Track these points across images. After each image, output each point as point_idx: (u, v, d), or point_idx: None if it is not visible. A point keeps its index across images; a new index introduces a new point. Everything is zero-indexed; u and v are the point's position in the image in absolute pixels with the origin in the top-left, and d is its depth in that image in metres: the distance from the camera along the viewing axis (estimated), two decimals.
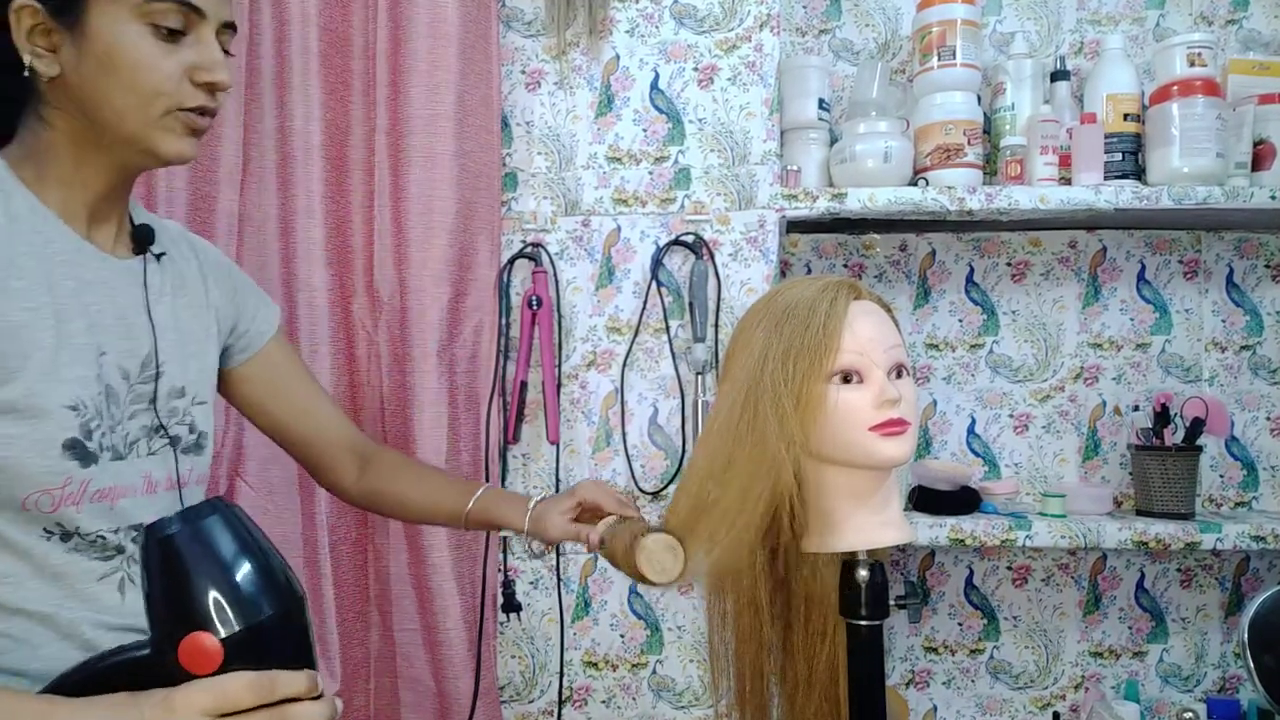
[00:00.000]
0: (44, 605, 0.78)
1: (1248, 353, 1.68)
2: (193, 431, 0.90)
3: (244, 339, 1.03)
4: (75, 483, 0.77)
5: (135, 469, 0.83)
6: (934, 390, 1.71)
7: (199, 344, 0.94)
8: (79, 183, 0.82)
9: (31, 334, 0.75)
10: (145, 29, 0.77)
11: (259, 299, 1.06)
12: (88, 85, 0.77)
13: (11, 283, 0.75)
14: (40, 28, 0.77)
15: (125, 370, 0.83)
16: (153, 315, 0.87)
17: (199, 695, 0.59)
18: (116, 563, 0.82)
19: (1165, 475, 1.54)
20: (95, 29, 0.76)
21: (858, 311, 0.81)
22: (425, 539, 1.47)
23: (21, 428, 0.74)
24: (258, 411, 1.07)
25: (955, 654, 1.70)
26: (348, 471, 1.11)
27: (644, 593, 1.58)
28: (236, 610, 0.61)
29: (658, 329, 1.58)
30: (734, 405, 0.81)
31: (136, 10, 0.76)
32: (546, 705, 1.59)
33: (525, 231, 1.60)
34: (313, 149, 1.50)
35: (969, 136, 1.52)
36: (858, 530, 0.83)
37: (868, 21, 1.74)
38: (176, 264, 0.94)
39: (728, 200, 1.57)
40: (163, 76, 0.78)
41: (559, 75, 1.61)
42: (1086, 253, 1.70)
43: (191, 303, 0.94)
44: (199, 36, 0.80)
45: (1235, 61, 1.59)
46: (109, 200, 0.85)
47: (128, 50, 0.76)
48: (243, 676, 0.60)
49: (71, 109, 0.79)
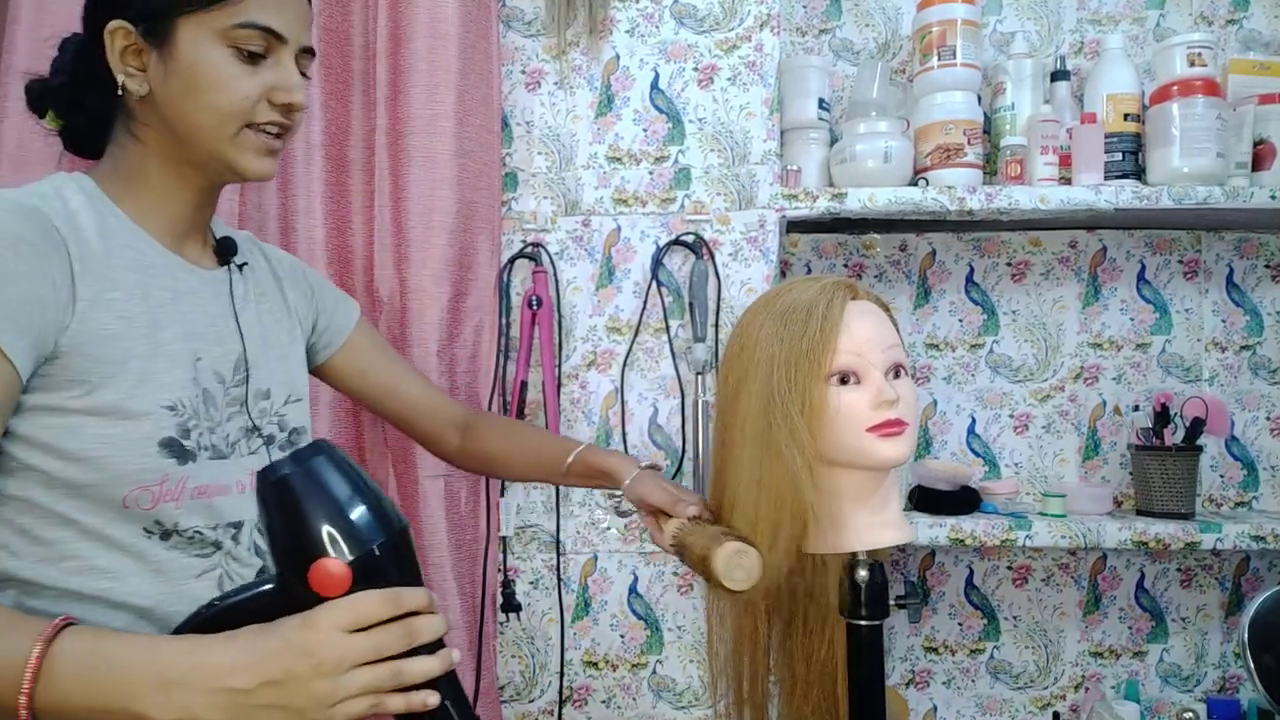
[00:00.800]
0: (145, 600, 0.81)
1: (1248, 353, 1.68)
2: (284, 429, 0.94)
3: (326, 335, 1.09)
4: (173, 480, 0.80)
5: (238, 467, 0.87)
6: (934, 390, 1.71)
7: (283, 346, 0.98)
8: (168, 198, 0.86)
9: (127, 342, 0.79)
10: (228, 51, 0.81)
11: (336, 296, 1.12)
12: (173, 103, 0.82)
13: (107, 294, 0.78)
14: (132, 48, 0.81)
15: (220, 374, 0.87)
16: (240, 322, 0.91)
17: (337, 613, 0.65)
18: (215, 559, 0.85)
19: (1165, 475, 1.54)
20: (182, 50, 0.81)
21: (855, 312, 0.81)
22: (425, 539, 1.48)
23: (119, 428, 0.77)
24: (357, 396, 1.16)
25: (955, 654, 1.70)
26: (449, 439, 1.18)
27: (644, 592, 1.58)
28: (353, 538, 0.66)
29: (658, 329, 1.58)
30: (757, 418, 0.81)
31: (222, 34, 0.80)
32: (546, 705, 1.59)
33: (525, 231, 1.61)
34: (313, 149, 1.50)
35: (969, 136, 1.52)
36: (858, 530, 0.83)
37: (868, 21, 1.74)
38: (255, 273, 0.98)
39: (728, 200, 1.57)
40: (241, 96, 0.82)
41: (559, 75, 1.61)
42: (1086, 253, 1.70)
43: (273, 308, 0.99)
44: (279, 60, 0.84)
45: (1235, 61, 1.59)
46: (196, 215, 0.89)
47: (210, 70, 0.81)
48: (372, 594, 0.66)
49: (159, 126, 0.84)
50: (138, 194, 0.85)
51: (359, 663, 0.65)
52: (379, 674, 0.66)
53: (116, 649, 0.66)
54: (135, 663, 0.65)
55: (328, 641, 0.64)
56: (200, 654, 0.65)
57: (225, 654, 0.65)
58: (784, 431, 0.78)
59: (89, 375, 0.76)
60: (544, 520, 1.59)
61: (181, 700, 0.64)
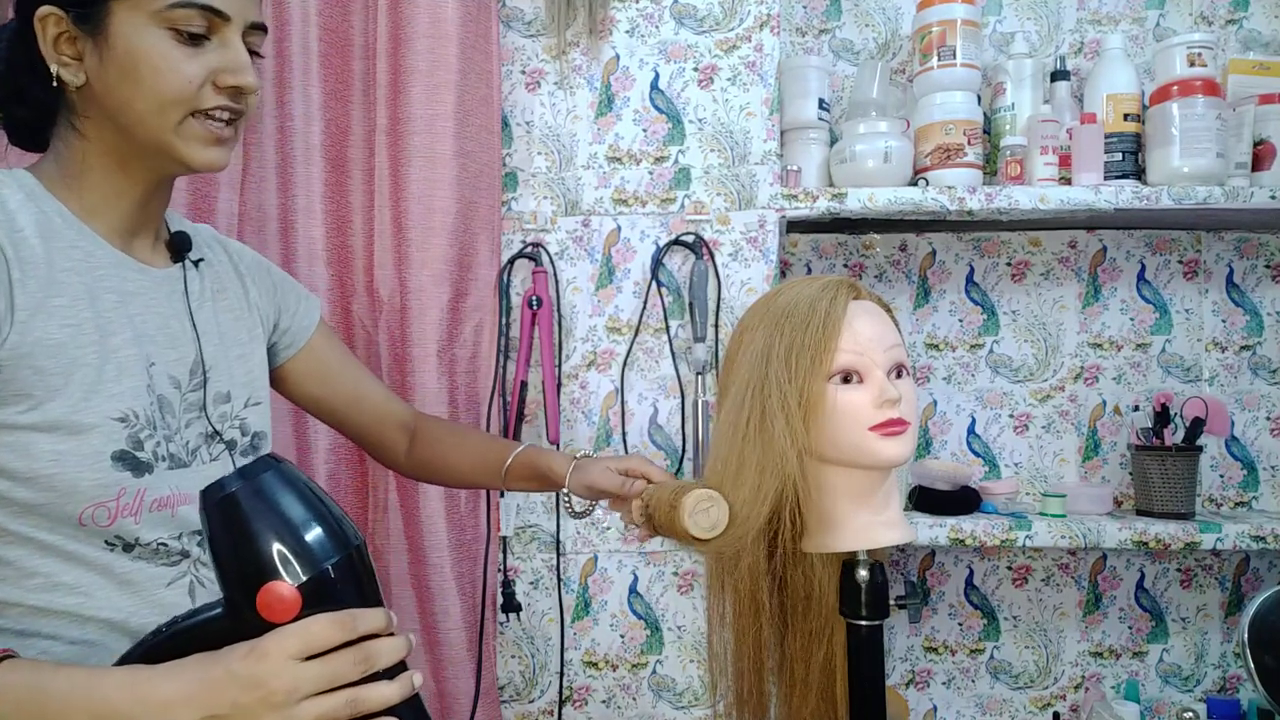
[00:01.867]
0: (116, 613, 0.78)
1: (1248, 353, 1.68)
2: (245, 434, 0.90)
3: (288, 335, 1.03)
4: (130, 493, 0.77)
5: (200, 476, 0.82)
6: (934, 390, 1.71)
7: (243, 346, 0.94)
8: (114, 193, 0.82)
9: (74, 351, 0.75)
10: (166, 34, 0.76)
11: (299, 294, 1.05)
12: (111, 93, 0.77)
13: (51, 301, 0.74)
14: (65, 36, 0.77)
15: (176, 379, 0.83)
16: (196, 322, 0.87)
17: (287, 639, 0.61)
18: (184, 567, 0.82)
19: (1165, 475, 1.54)
20: (116, 35, 0.76)
21: (857, 311, 0.81)
22: (425, 539, 1.48)
23: (69, 443, 0.73)
24: (312, 403, 1.07)
25: (955, 654, 1.70)
26: (400, 448, 1.11)
27: (644, 592, 1.58)
28: (305, 558, 0.62)
29: (658, 329, 1.58)
30: (740, 405, 0.81)
31: (157, 16, 0.75)
32: (546, 705, 1.59)
33: (525, 231, 1.60)
34: (313, 149, 1.50)
35: (969, 136, 1.52)
36: (858, 530, 0.82)
37: (868, 21, 1.74)
38: (214, 268, 0.94)
39: (728, 200, 1.57)
40: (183, 81, 0.76)
41: (559, 75, 1.61)
42: (1086, 253, 1.70)
43: (232, 305, 0.94)
44: (223, 39, 0.79)
45: (1235, 61, 1.59)
46: (145, 210, 0.85)
47: (148, 55, 0.76)
48: (324, 617, 0.62)
49: (99, 118, 0.79)
50: (82, 190, 0.80)
51: (312, 693, 0.61)
52: (333, 703, 0.62)
53: (56, 682, 0.62)
54: (76, 698, 0.61)
55: (277, 671, 0.60)
56: (143, 687, 0.62)
57: (169, 686, 0.61)
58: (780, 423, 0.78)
59: (34, 389, 0.72)
60: (544, 520, 1.59)
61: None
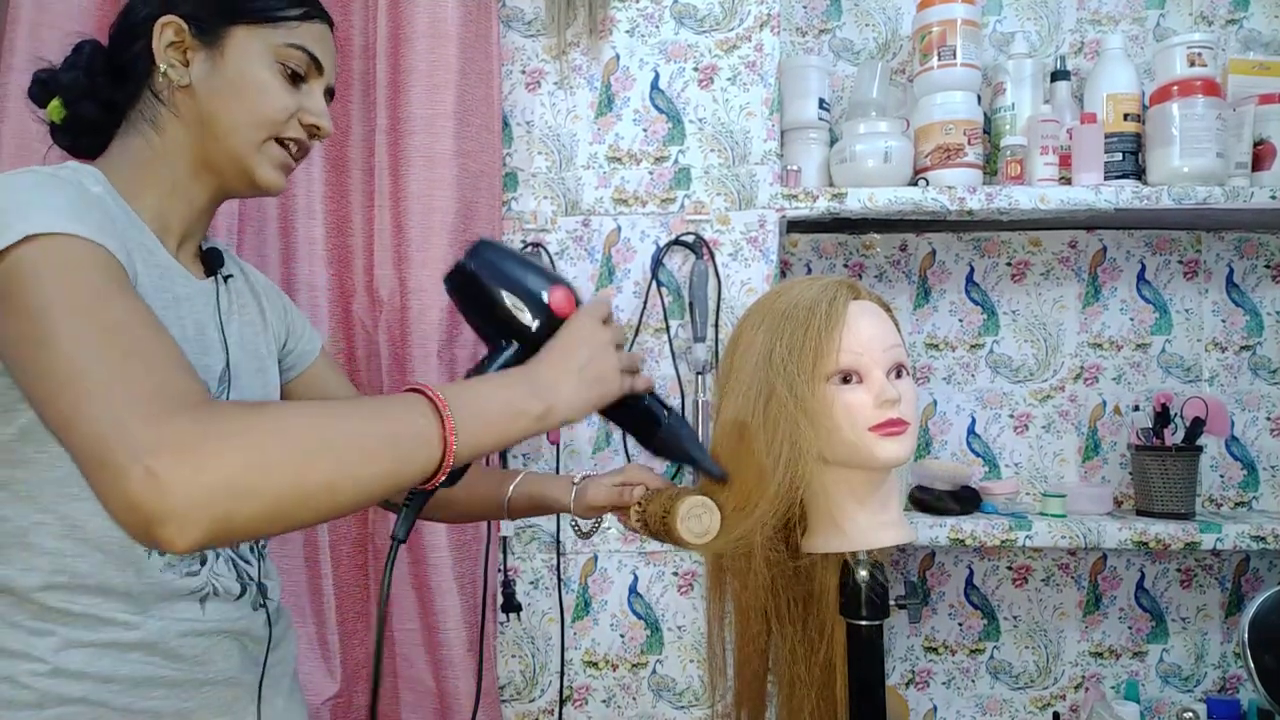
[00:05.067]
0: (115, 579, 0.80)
1: (1248, 353, 1.68)
2: None
3: (291, 357, 1.07)
4: None
5: None
6: (934, 390, 1.71)
7: (262, 360, 0.98)
8: (179, 198, 0.87)
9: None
10: (275, 66, 0.86)
11: (304, 320, 1.10)
12: (213, 98, 0.84)
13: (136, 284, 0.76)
14: (178, 44, 0.84)
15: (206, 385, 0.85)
16: (225, 334, 0.90)
17: (589, 311, 0.79)
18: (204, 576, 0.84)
19: (1165, 475, 1.54)
20: (232, 55, 0.84)
21: (857, 311, 0.81)
22: (425, 539, 1.47)
23: None
24: None
25: (955, 654, 1.70)
26: None
27: (644, 592, 1.58)
28: (549, 274, 0.81)
29: (658, 329, 1.58)
30: (741, 406, 0.81)
31: (272, 48, 0.85)
32: (547, 705, 1.59)
33: (525, 231, 1.60)
34: (313, 149, 1.50)
35: (969, 136, 1.52)
36: (858, 531, 0.83)
37: (868, 21, 1.74)
38: (238, 285, 0.98)
39: (728, 200, 1.57)
40: (280, 107, 0.86)
41: (559, 75, 1.61)
42: (1086, 253, 1.70)
43: (252, 321, 0.98)
44: (312, 88, 0.90)
45: (1235, 61, 1.59)
46: (200, 220, 0.90)
47: (256, 77, 0.85)
48: (588, 302, 0.80)
49: (190, 118, 0.85)
50: (149, 192, 0.85)
51: (618, 343, 0.79)
52: (630, 355, 0.81)
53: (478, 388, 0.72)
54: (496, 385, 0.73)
55: (596, 326, 0.78)
56: (524, 374, 0.74)
57: (539, 369, 0.75)
58: (781, 424, 0.78)
59: None
60: (544, 520, 1.59)
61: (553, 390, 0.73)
